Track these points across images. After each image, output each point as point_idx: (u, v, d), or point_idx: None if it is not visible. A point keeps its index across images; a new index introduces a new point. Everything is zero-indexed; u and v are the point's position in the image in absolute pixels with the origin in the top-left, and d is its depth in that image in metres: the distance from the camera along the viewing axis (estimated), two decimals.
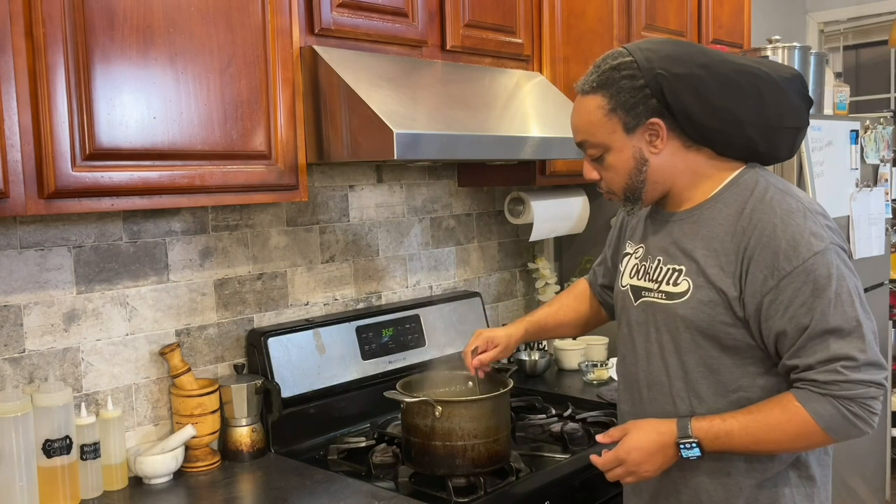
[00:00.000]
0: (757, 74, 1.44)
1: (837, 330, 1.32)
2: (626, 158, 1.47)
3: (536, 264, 2.86)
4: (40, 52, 1.38)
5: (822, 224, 1.38)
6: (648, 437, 1.44)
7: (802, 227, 1.35)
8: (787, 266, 1.34)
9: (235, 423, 1.97)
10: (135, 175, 1.51)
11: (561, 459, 1.93)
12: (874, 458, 3.37)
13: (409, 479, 1.81)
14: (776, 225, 1.36)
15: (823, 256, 1.33)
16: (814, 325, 1.33)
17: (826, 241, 1.35)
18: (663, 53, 1.43)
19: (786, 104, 1.45)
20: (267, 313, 2.15)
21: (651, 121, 1.43)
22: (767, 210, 1.39)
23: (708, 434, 1.40)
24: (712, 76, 1.41)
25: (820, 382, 1.33)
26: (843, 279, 1.34)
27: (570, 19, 2.47)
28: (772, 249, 1.35)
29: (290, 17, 1.76)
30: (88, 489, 1.74)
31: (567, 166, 2.50)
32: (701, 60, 1.43)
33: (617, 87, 1.43)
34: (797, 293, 1.33)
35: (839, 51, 5.14)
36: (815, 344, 1.33)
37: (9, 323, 1.71)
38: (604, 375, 2.55)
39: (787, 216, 1.37)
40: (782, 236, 1.35)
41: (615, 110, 1.44)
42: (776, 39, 2.91)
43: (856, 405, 1.32)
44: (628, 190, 1.50)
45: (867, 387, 1.32)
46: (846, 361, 1.32)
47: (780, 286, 1.34)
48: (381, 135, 1.70)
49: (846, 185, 3.01)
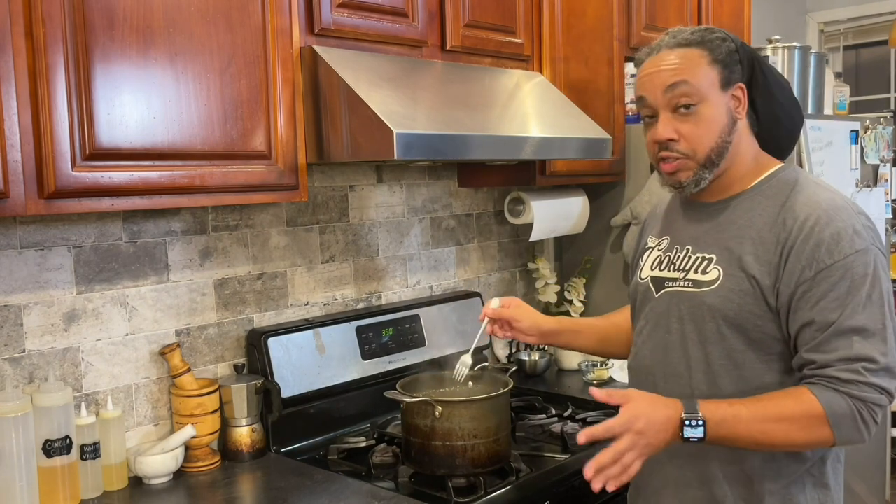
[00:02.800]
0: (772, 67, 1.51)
1: (863, 330, 1.31)
2: (721, 114, 1.42)
3: (536, 264, 2.86)
4: (40, 52, 1.38)
5: (865, 224, 1.37)
6: (656, 407, 1.35)
7: (847, 224, 1.35)
8: (828, 259, 1.33)
9: (235, 423, 1.97)
10: (135, 175, 1.51)
11: (561, 459, 1.93)
12: (874, 458, 3.37)
13: (409, 479, 1.81)
14: (820, 217, 1.35)
15: (865, 255, 1.33)
16: (841, 321, 1.31)
17: (868, 242, 1.35)
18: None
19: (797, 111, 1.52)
20: (267, 313, 2.15)
21: (740, 84, 1.44)
22: (813, 203, 1.38)
23: (714, 415, 1.33)
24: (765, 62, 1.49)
25: (840, 381, 1.31)
26: (878, 281, 1.33)
27: (570, 19, 2.47)
28: (814, 241, 1.34)
29: (290, 17, 1.76)
30: (88, 489, 1.74)
31: (567, 166, 2.50)
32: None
33: (714, 45, 1.43)
34: (833, 287, 1.32)
35: (839, 51, 5.14)
36: (838, 341, 1.32)
37: (9, 323, 1.71)
38: (604, 375, 2.55)
39: (834, 211, 1.36)
40: (826, 229, 1.34)
41: (716, 63, 1.42)
42: (776, 39, 2.91)
43: (866, 409, 1.31)
44: (714, 151, 1.43)
45: (880, 392, 1.31)
46: (867, 363, 1.30)
47: (817, 278, 1.33)
48: (381, 135, 1.70)
49: (846, 185, 3.01)
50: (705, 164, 1.44)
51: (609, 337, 1.80)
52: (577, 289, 2.87)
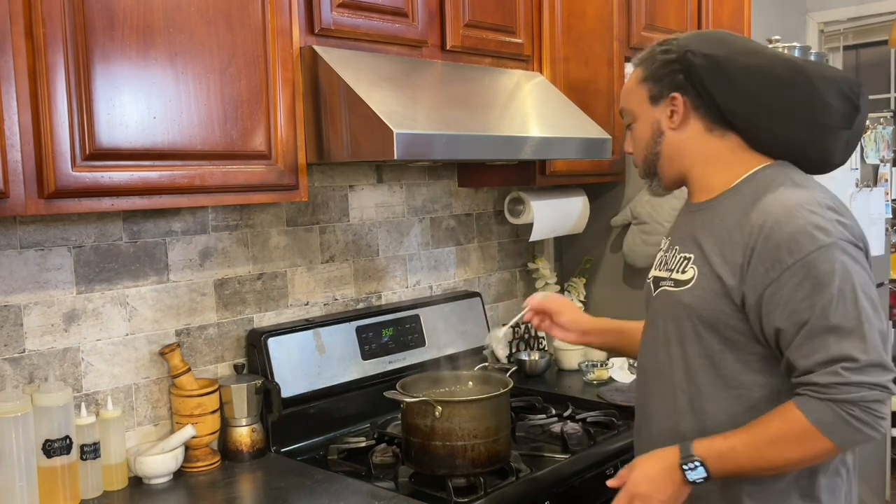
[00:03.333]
0: (793, 67, 1.41)
1: (838, 328, 1.28)
2: (646, 128, 1.52)
3: (536, 264, 2.86)
4: (40, 52, 1.38)
5: (832, 219, 1.33)
6: (652, 464, 1.41)
7: (808, 221, 1.32)
8: (789, 259, 1.31)
9: (235, 423, 1.97)
10: (135, 175, 1.51)
11: (561, 459, 1.93)
12: (874, 459, 3.37)
13: (409, 479, 1.81)
14: (780, 216, 1.33)
15: (828, 252, 1.30)
16: (813, 321, 1.29)
17: (833, 237, 1.31)
18: (705, 37, 1.48)
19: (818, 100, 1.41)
20: (267, 313, 2.15)
21: (673, 94, 1.47)
22: (777, 202, 1.36)
23: (710, 452, 1.35)
24: (743, 61, 1.42)
25: (820, 385, 1.28)
26: (847, 276, 1.29)
27: (570, 19, 2.47)
28: (774, 241, 1.32)
29: (290, 17, 1.76)
30: (88, 489, 1.74)
31: (567, 166, 2.50)
32: (738, 46, 1.45)
33: (652, 60, 1.50)
34: (798, 287, 1.30)
35: (839, 51, 5.13)
36: (814, 343, 1.29)
37: (9, 323, 1.71)
38: (604, 375, 2.55)
39: (795, 209, 1.34)
40: (786, 228, 1.32)
41: (646, 80, 1.51)
42: (776, 39, 2.91)
43: (858, 409, 1.26)
44: (645, 162, 1.55)
45: (870, 389, 1.26)
46: (847, 362, 1.27)
47: (781, 279, 1.31)
48: (381, 135, 1.70)
49: (846, 185, 3.01)
50: (647, 173, 1.57)
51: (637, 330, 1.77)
52: (577, 289, 2.87)
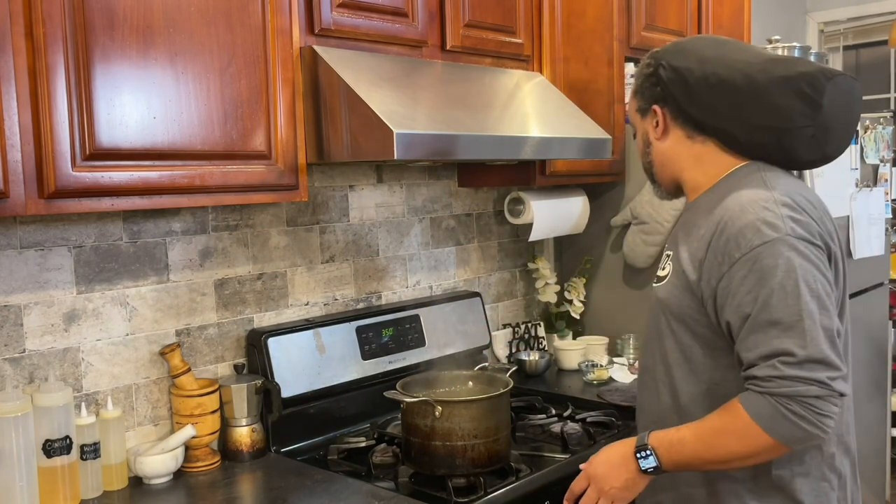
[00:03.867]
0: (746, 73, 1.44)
1: (778, 322, 1.29)
2: (640, 139, 1.63)
3: (536, 264, 2.86)
4: (40, 52, 1.38)
5: (784, 215, 1.35)
6: (613, 450, 1.47)
7: (757, 216, 1.35)
8: (737, 253, 1.34)
9: (235, 423, 1.97)
10: (135, 175, 1.51)
11: (561, 459, 1.93)
12: (874, 459, 3.37)
13: (409, 479, 1.81)
14: (734, 213, 1.38)
15: (772, 246, 1.32)
16: (755, 314, 1.31)
17: (780, 232, 1.33)
18: (679, 48, 1.54)
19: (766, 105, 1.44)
20: (267, 313, 2.15)
21: (653, 107, 1.56)
22: (735, 199, 1.40)
23: (662, 442, 1.39)
24: (702, 71, 1.47)
25: (759, 379, 1.29)
26: (792, 271, 1.31)
27: (570, 19, 2.47)
28: (726, 236, 1.37)
29: (290, 17, 1.76)
30: (88, 489, 1.74)
31: (567, 166, 2.50)
32: (705, 54, 1.49)
33: (639, 74, 1.59)
34: (743, 281, 1.33)
35: (839, 51, 5.13)
36: (756, 336, 1.31)
37: (9, 323, 1.71)
38: (604, 375, 2.55)
39: (748, 205, 1.37)
40: (736, 223, 1.36)
41: (635, 94, 1.61)
42: (776, 39, 2.91)
43: (796, 404, 1.26)
44: (644, 170, 1.65)
45: (807, 384, 1.26)
46: (784, 357, 1.28)
47: (731, 272, 1.35)
48: (381, 135, 1.70)
49: (846, 185, 3.01)
50: (649, 179, 1.66)
51: None
52: (577, 289, 2.87)
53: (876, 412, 3.34)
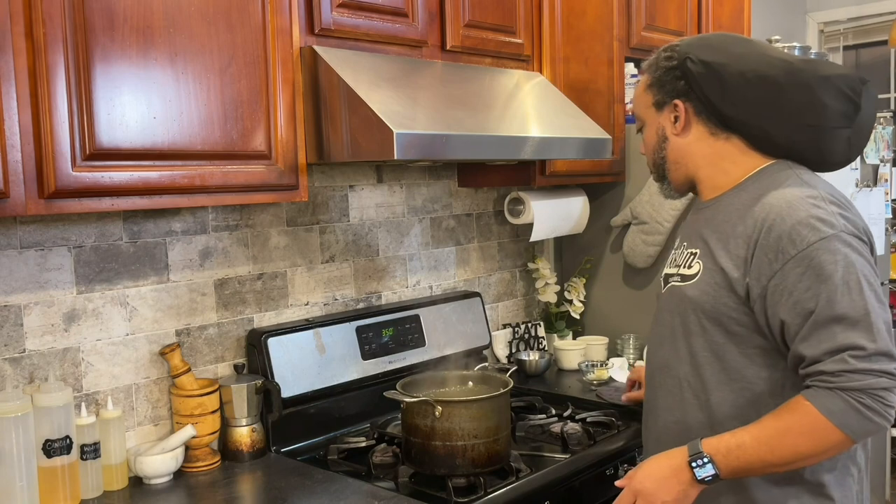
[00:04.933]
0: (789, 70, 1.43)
1: (844, 318, 1.29)
2: (652, 134, 1.59)
3: (536, 264, 2.86)
4: (40, 52, 1.38)
5: (835, 212, 1.36)
6: (658, 463, 1.42)
7: (809, 213, 1.34)
8: (792, 250, 1.33)
9: (235, 423, 1.97)
10: (135, 175, 1.51)
11: (561, 459, 1.93)
12: (874, 459, 3.37)
13: (409, 479, 1.81)
14: (783, 209, 1.36)
15: (829, 243, 1.32)
16: (819, 311, 1.30)
17: (836, 229, 1.33)
18: (705, 42, 1.51)
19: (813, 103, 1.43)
20: (267, 313, 2.15)
21: (675, 101, 1.52)
22: (780, 196, 1.39)
23: (719, 449, 1.35)
24: (738, 66, 1.44)
25: (828, 374, 1.28)
26: (851, 266, 1.31)
27: (570, 19, 2.47)
28: (776, 233, 1.35)
29: (290, 17, 1.76)
30: (88, 489, 1.74)
31: (567, 166, 2.50)
32: (736, 51, 1.47)
33: (657, 67, 1.55)
34: (801, 278, 1.32)
35: (839, 51, 5.13)
36: (821, 332, 1.30)
37: (9, 323, 1.71)
38: (604, 375, 2.55)
39: (797, 202, 1.37)
40: (788, 220, 1.35)
41: (651, 87, 1.56)
42: (776, 39, 2.91)
43: (868, 397, 1.26)
44: (654, 166, 1.61)
45: (878, 377, 1.26)
46: (854, 351, 1.27)
47: (785, 270, 1.33)
48: (381, 135, 1.70)
49: (846, 185, 3.01)
50: (657, 177, 1.63)
51: None
52: (577, 289, 2.87)
53: None
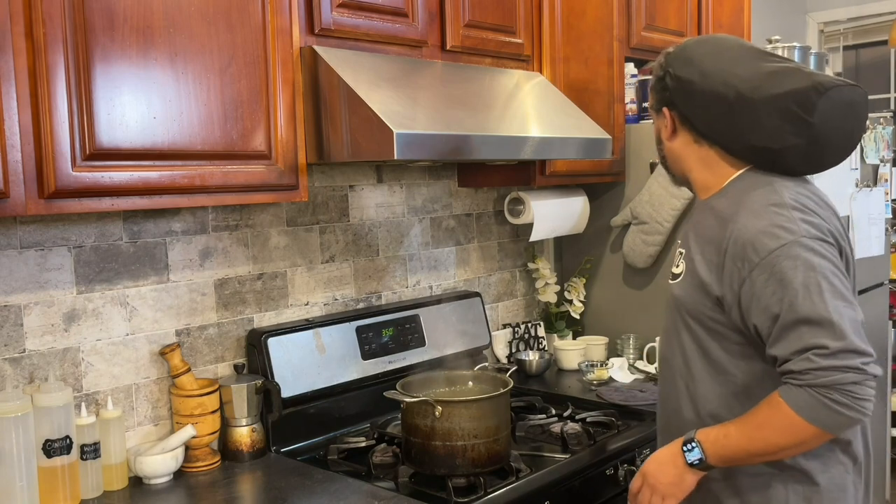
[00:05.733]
0: (738, 92, 1.48)
1: (807, 319, 1.34)
2: (655, 132, 1.68)
3: (536, 264, 2.86)
4: (40, 52, 1.38)
5: (796, 218, 1.41)
6: (663, 450, 1.54)
7: (772, 221, 1.41)
8: (755, 258, 1.39)
9: (235, 423, 1.97)
10: (135, 175, 1.51)
11: (561, 459, 1.93)
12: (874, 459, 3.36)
13: (409, 479, 1.81)
14: (748, 219, 1.43)
15: (789, 249, 1.37)
16: (783, 315, 1.36)
17: (796, 235, 1.38)
18: (686, 54, 1.56)
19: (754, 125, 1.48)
20: (267, 313, 2.15)
21: (664, 109, 1.61)
22: (748, 204, 1.46)
23: (708, 437, 1.45)
24: (702, 85, 1.52)
25: (795, 372, 1.34)
26: (811, 270, 1.36)
27: (570, 19, 2.47)
28: (741, 242, 1.42)
29: (290, 17, 1.76)
30: (88, 489, 1.74)
31: (567, 166, 2.50)
32: (705, 67, 1.52)
33: (654, 73, 1.64)
34: (766, 284, 1.38)
35: (839, 51, 5.14)
36: (788, 333, 1.36)
37: (9, 323, 1.71)
38: (604, 375, 2.55)
39: (762, 210, 1.43)
40: (752, 229, 1.41)
41: (650, 91, 1.66)
42: (776, 39, 2.91)
43: (836, 392, 1.32)
44: (659, 160, 1.71)
45: (843, 372, 1.31)
46: (818, 350, 1.33)
47: (752, 277, 1.40)
48: (381, 135, 1.70)
49: (846, 185, 3.01)
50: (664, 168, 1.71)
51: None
52: (577, 289, 2.88)
53: (876, 412, 3.32)
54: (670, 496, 1.50)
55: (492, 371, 2.34)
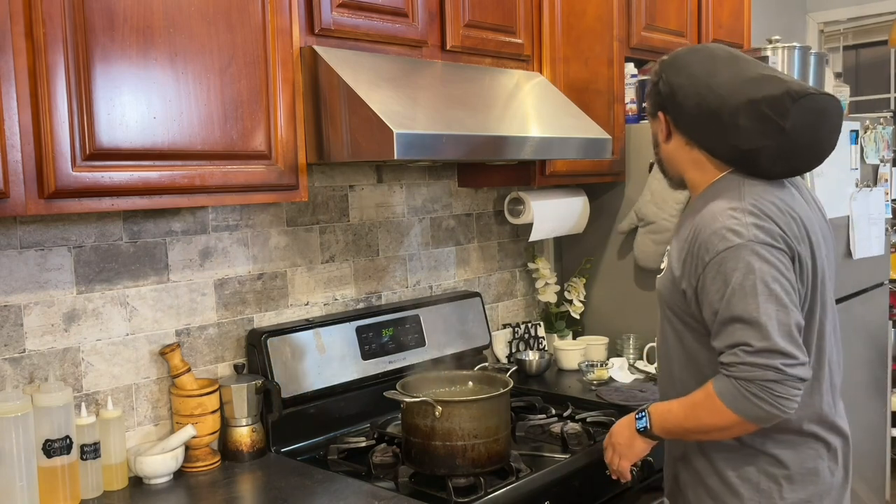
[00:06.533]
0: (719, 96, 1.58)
1: (739, 318, 1.47)
2: (652, 136, 1.77)
3: (536, 264, 2.86)
4: (40, 52, 1.38)
5: (748, 223, 1.50)
6: (626, 416, 1.76)
7: (724, 224, 1.51)
8: (706, 257, 1.52)
9: (235, 423, 1.97)
10: (135, 175, 1.51)
11: (561, 459, 1.93)
12: (874, 458, 3.37)
13: (409, 479, 1.81)
14: (705, 221, 1.55)
15: (735, 251, 1.49)
16: (721, 311, 1.49)
17: (744, 238, 1.49)
18: (678, 62, 1.65)
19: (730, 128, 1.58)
20: (267, 313, 2.15)
21: (659, 112, 1.69)
22: (711, 207, 1.56)
23: (657, 409, 1.67)
24: (690, 91, 1.61)
25: (724, 364, 1.49)
26: (750, 272, 1.47)
27: (570, 19, 2.47)
28: (699, 241, 1.54)
29: (290, 17, 1.76)
30: (88, 489, 1.74)
31: (567, 166, 2.50)
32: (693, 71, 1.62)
33: (650, 80, 1.72)
34: (713, 282, 1.51)
35: (839, 51, 5.14)
36: (723, 329, 1.49)
37: (9, 323, 1.71)
38: (604, 375, 2.55)
39: (719, 213, 1.54)
40: (707, 230, 1.53)
41: (647, 95, 1.74)
42: (776, 39, 2.91)
43: (755, 387, 1.45)
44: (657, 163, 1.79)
45: (763, 370, 1.44)
46: (744, 346, 1.46)
47: (704, 274, 1.53)
48: (381, 135, 1.70)
49: (846, 185, 3.01)
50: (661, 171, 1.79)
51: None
52: (577, 289, 2.88)
53: (876, 412, 3.34)
54: (624, 457, 1.73)
55: (492, 371, 2.34)
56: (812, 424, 1.60)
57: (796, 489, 1.59)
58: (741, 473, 1.61)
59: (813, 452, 1.61)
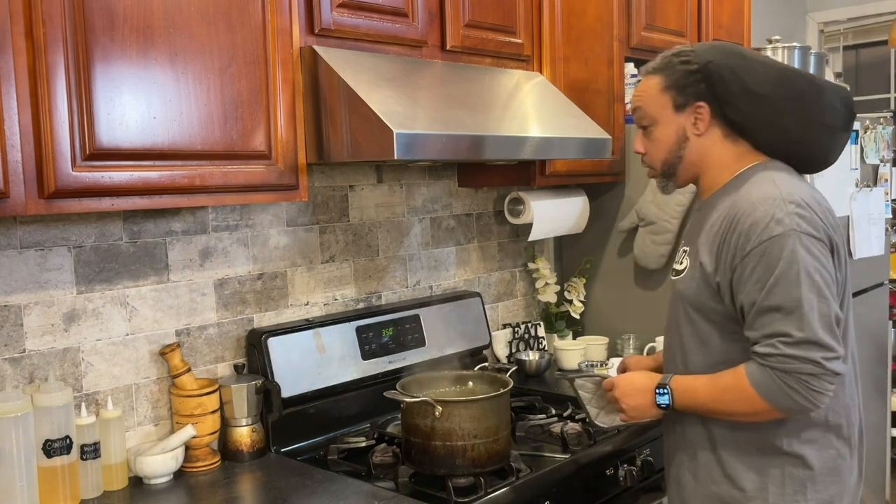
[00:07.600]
0: (805, 76, 1.59)
1: (779, 308, 1.45)
2: (670, 133, 1.65)
3: (536, 264, 2.86)
4: (40, 52, 1.38)
5: (792, 212, 1.48)
6: (642, 376, 1.69)
7: (767, 213, 1.49)
8: (748, 246, 1.49)
9: (235, 423, 1.97)
10: (135, 175, 1.51)
11: (561, 459, 1.93)
12: (874, 458, 3.37)
13: (409, 479, 1.81)
14: (744, 209, 1.52)
15: (780, 240, 1.46)
16: (761, 301, 1.47)
17: (787, 227, 1.47)
18: (719, 48, 1.62)
19: (826, 106, 1.58)
20: (267, 313, 2.15)
21: (698, 103, 1.61)
22: (748, 196, 1.54)
23: (680, 385, 1.61)
24: (758, 66, 1.57)
25: (761, 354, 1.47)
26: (795, 262, 1.45)
27: (570, 19, 2.47)
28: (738, 231, 1.51)
29: (290, 17, 1.76)
30: (88, 489, 1.74)
31: (567, 166, 2.50)
32: (750, 54, 1.60)
33: (672, 70, 1.62)
34: (753, 271, 1.48)
35: (839, 51, 5.14)
36: (762, 318, 1.47)
37: (9, 323, 1.71)
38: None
39: (760, 202, 1.51)
40: (748, 220, 1.50)
41: (668, 89, 1.63)
42: (776, 39, 2.91)
43: (792, 379, 1.43)
44: (665, 164, 1.69)
45: (802, 363, 1.43)
46: (783, 337, 1.44)
47: (743, 263, 1.49)
48: (381, 135, 1.70)
49: (846, 185, 3.01)
50: (664, 174, 1.71)
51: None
52: (577, 289, 2.88)
53: (876, 412, 3.34)
54: (630, 418, 1.70)
55: (492, 371, 2.34)
56: (840, 417, 1.57)
57: (819, 490, 1.55)
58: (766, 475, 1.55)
59: (835, 452, 1.58)
